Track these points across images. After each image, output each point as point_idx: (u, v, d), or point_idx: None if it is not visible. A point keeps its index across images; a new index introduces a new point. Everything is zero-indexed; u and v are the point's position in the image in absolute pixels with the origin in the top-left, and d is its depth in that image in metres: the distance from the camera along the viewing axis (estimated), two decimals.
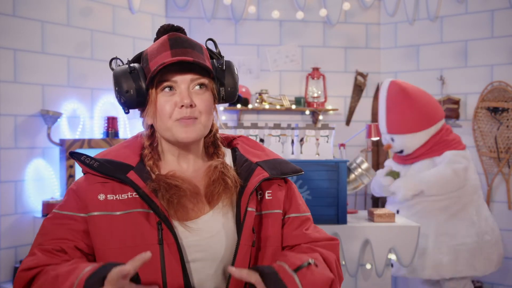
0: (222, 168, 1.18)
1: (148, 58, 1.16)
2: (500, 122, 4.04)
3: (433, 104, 3.55)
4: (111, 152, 1.19)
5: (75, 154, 1.15)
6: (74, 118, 3.67)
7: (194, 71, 1.13)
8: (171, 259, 1.08)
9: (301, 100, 4.41)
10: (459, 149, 3.48)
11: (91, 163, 1.14)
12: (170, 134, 1.14)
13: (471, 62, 4.24)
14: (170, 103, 1.12)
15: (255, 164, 1.19)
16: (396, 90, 3.51)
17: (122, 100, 1.16)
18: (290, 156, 2.88)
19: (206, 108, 1.14)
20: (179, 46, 1.13)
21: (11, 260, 3.32)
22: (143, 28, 4.18)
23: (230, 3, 4.30)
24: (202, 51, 1.18)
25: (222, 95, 1.19)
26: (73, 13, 3.69)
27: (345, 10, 4.50)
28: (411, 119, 3.47)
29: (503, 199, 4.08)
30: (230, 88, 1.18)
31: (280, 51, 4.49)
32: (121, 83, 1.15)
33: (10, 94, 3.33)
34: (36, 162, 3.44)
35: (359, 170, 3.04)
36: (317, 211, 2.75)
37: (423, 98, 3.52)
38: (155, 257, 1.08)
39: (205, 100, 1.14)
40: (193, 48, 1.15)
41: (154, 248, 1.08)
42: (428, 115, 3.48)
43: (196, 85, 1.14)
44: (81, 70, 3.73)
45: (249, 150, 1.24)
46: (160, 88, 1.14)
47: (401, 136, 3.50)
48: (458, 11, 4.29)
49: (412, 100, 3.47)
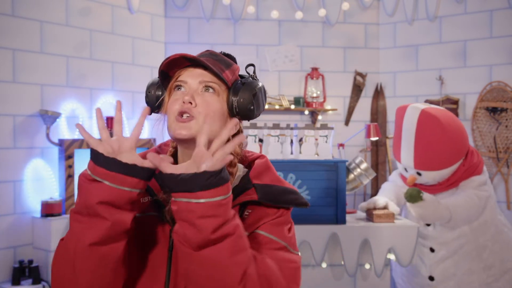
0: None
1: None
2: (499, 122, 4.05)
3: (463, 132, 3.10)
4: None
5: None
6: (73, 118, 3.66)
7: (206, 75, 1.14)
8: (177, 268, 1.08)
9: (300, 100, 4.41)
10: (481, 168, 3.12)
11: None
12: (172, 133, 1.14)
13: (470, 62, 4.24)
14: (178, 100, 1.13)
15: (252, 184, 1.15)
16: (429, 122, 3.00)
17: (146, 99, 1.21)
18: (289, 156, 2.88)
19: (207, 110, 1.12)
20: (204, 56, 1.17)
21: (10, 260, 3.32)
22: (142, 28, 4.18)
23: (229, 3, 4.29)
24: (229, 66, 1.18)
25: (235, 107, 1.15)
26: (72, 13, 3.69)
27: (344, 10, 4.50)
28: (445, 154, 3.02)
29: (502, 199, 4.08)
30: (243, 99, 1.14)
31: (279, 51, 4.49)
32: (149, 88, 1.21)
33: (9, 94, 3.33)
34: (35, 162, 3.43)
35: (358, 170, 3.04)
36: (316, 211, 2.75)
37: (455, 128, 3.04)
38: (163, 262, 1.09)
39: (208, 102, 1.12)
40: (218, 60, 1.17)
41: (163, 253, 1.10)
42: (460, 146, 3.06)
43: (204, 87, 1.14)
44: (80, 70, 3.73)
45: (258, 171, 1.19)
46: (173, 87, 1.16)
47: (434, 172, 3.08)
48: (457, 11, 4.29)
49: (446, 133, 2.98)
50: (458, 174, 3.10)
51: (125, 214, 1.00)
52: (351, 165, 3.08)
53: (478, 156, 3.17)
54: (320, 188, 2.76)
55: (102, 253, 0.99)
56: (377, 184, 4.47)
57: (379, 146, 4.56)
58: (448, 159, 3.03)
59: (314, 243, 2.74)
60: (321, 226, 2.75)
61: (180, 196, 0.93)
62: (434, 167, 3.05)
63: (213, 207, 0.92)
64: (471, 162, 3.10)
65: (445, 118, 3.01)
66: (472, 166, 3.10)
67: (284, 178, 2.75)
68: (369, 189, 4.49)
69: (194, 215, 0.92)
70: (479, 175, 3.10)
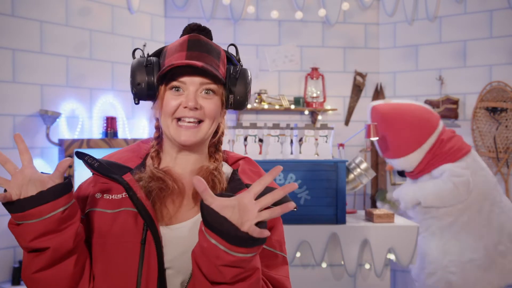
0: (213, 170, 1.17)
1: (166, 54, 1.18)
2: (499, 122, 4.05)
3: (422, 121, 3.43)
4: (116, 154, 1.23)
5: (80, 154, 1.17)
6: (73, 118, 3.66)
7: (204, 75, 1.14)
8: (149, 262, 1.08)
9: (300, 100, 4.40)
10: (458, 157, 3.36)
11: (92, 163, 1.16)
12: (169, 134, 1.15)
13: (470, 62, 4.24)
14: (176, 101, 1.13)
15: (244, 185, 1.16)
16: (376, 117, 3.46)
17: (133, 91, 1.18)
18: (289, 156, 2.88)
19: (212, 112, 1.14)
20: (196, 48, 1.15)
21: (10, 260, 3.32)
22: (142, 28, 4.18)
23: (229, 3, 4.29)
24: (219, 57, 1.18)
25: (231, 102, 1.19)
26: (72, 13, 3.69)
27: (344, 10, 4.50)
28: (398, 143, 3.42)
29: None
30: (240, 97, 1.18)
31: (279, 51, 4.49)
32: (135, 75, 1.17)
33: (9, 94, 3.33)
34: (35, 162, 3.42)
35: (358, 170, 3.04)
36: (316, 211, 2.75)
37: (408, 118, 3.42)
38: (135, 255, 1.08)
39: (212, 104, 1.14)
40: (210, 52, 1.16)
41: (136, 247, 1.09)
42: (416, 134, 3.40)
43: (204, 90, 1.14)
44: (80, 70, 3.73)
45: (246, 172, 1.21)
46: (169, 86, 1.15)
47: (395, 160, 3.49)
48: (457, 11, 4.29)
49: (393, 125, 3.41)
50: (424, 162, 3.41)
51: (64, 233, 1.03)
52: (351, 165, 3.08)
53: (456, 143, 3.40)
54: (320, 188, 2.76)
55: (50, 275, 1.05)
56: (377, 184, 4.47)
57: None
58: (402, 149, 3.40)
59: (314, 243, 2.74)
60: (321, 226, 2.75)
61: (213, 237, 0.93)
62: (390, 155, 3.49)
63: (240, 261, 0.93)
64: (439, 150, 3.37)
65: (392, 112, 3.43)
66: (440, 154, 3.37)
67: (284, 178, 2.75)
68: (369, 189, 4.49)
69: (219, 262, 0.93)
70: (452, 163, 3.34)
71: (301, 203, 2.76)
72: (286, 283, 1.13)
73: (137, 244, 1.09)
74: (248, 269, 0.96)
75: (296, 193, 2.76)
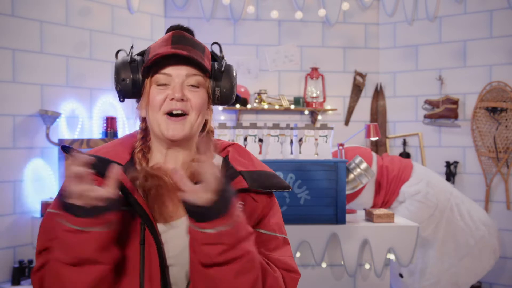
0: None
1: (150, 51, 1.17)
2: (498, 122, 4.05)
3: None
4: (103, 148, 1.19)
5: (66, 148, 1.14)
6: (73, 118, 3.66)
7: (190, 65, 1.13)
8: (151, 261, 1.08)
9: (300, 100, 4.41)
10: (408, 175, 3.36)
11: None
12: (158, 129, 1.13)
13: (470, 62, 4.24)
14: (162, 95, 1.12)
15: (237, 172, 1.16)
16: None
17: (117, 88, 1.18)
18: (289, 156, 2.88)
19: (198, 105, 1.13)
20: (181, 43, 1.14)
21: (10, 260, 3.32)
22: (142, 28, 4.18)
23: (228, 3, 4.30)
24: (204, 52, 1.18)
25: (217, 96, 1.18)
26: (72, 13, 3.69)
27: (344, 10, 4.51)
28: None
29: (501, 199, 4.08)
30: (226, 90, 1.18)
31: (279, 51, 4.49)
32: (119, 72, 1.18)
33: (9, 94, 3.33)
34: (35, 162, 3.43)
35: (358, 170, 3.04)
36: (316, 211, 2.75)
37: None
38: (136, 257, 1.08)
39: (198, 97, 1.14)
40: (195, 47, 1.15)
41: (136, 248, 1.08)
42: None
43: (191, 81, 1.14)
44: (79, 70, 3.73)
45: (237, 158, 1.21)
46: (155, 79, 1.14)
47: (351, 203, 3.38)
48: (456, 11, 4.29)
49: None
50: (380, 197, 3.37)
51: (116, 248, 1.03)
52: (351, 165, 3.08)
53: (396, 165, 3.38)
54: (320, 188, 2.75)
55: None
56: None
57: (379, 146, 4.56)
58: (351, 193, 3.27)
59: (314, 243, 2.74)
60: (321, 226, 2.75)
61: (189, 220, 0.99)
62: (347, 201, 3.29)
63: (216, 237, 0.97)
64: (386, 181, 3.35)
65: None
66: (391, 182, 3.36)
67: (284, 178, 2.75)
68: None
69: (197, 242, 0.98)
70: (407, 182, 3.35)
71: (301, 203, 2.76)
72: (290, 262, 1.14)
73: (136, 245, 1.08)
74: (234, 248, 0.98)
75: (296, 193, 2.76)
